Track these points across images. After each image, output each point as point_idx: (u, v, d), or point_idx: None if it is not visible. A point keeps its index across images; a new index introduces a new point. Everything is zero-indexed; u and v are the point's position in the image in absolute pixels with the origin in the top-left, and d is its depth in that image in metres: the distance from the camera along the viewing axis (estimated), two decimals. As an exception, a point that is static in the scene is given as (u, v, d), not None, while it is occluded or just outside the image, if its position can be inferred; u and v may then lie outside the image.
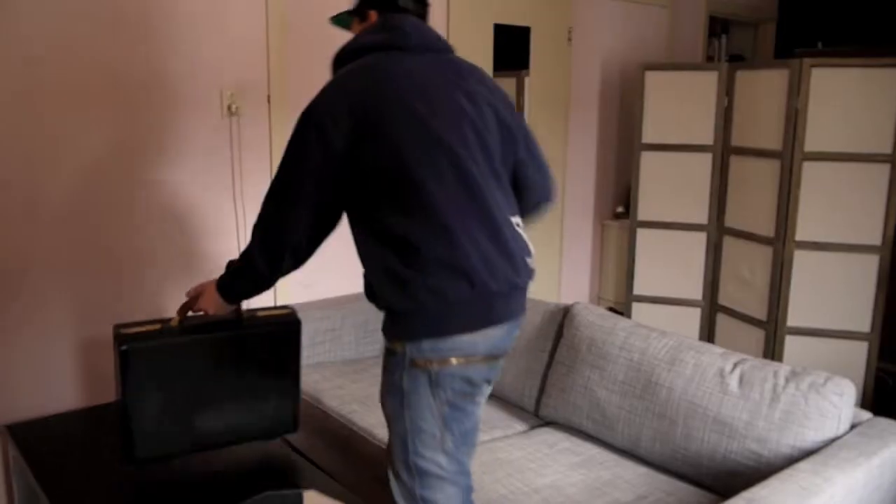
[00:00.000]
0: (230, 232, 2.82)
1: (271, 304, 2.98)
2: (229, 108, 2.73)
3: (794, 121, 3.26)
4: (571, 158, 4.07)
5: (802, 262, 3.35)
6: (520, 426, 2.47)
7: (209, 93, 2.69)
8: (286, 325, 2.06)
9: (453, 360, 1.48)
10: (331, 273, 3.09)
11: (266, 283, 1.68)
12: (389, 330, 1.54)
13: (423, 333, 1.48)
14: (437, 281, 1.45)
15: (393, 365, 1.53)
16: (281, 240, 1.58)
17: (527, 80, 3.80)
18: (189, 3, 2.59)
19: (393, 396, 1.53)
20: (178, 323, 1.92)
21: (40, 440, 2.23)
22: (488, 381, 1.58)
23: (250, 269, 1.66)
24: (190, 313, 1.87)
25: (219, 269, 2.80)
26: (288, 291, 3.00)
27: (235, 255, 2.83)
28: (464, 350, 1.49)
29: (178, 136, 2.65)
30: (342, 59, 1.61)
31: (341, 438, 2.43)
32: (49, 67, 2.35)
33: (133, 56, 2.51)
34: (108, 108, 2.49)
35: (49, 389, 2.50)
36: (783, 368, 2.01)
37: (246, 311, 2.05)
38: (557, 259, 4.12)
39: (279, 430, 2.14)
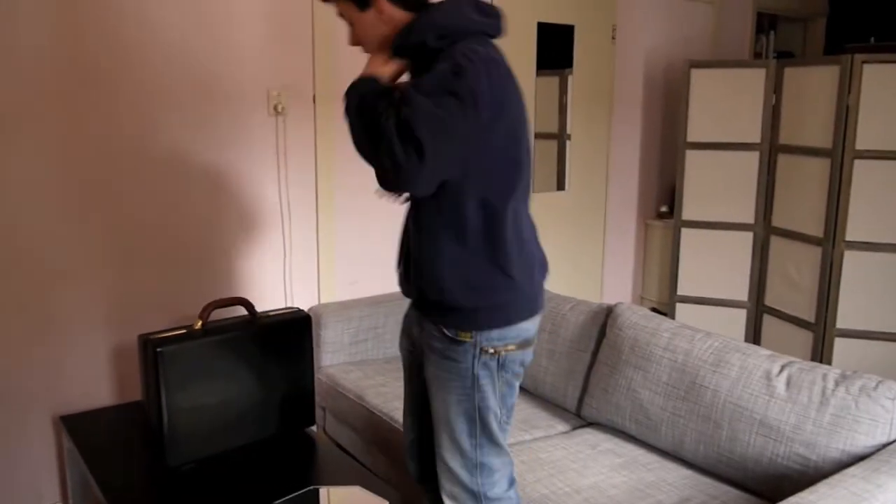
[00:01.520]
0: (275, 228, 2.87)
1: (304, 302, 3.03)
2: (276, 107, 2.77)
3: (844, 118, 3.19)
4: (615, 157, 4.04)
5: (852, 263, 3.28)
6: (562, 426, 2.47)
7: (257, 92, 2.73)
8: (296, 320, 2.23)
9: (514, 346, 1.64)
10: (374, 271, 3.12)
11: (371, 140, 1.51)
12: (454, 322, 1.61)
13: (494, 324, 1.61)
14: (518, 273, 1.61)
15: (460, 353, 1.62)
16: (421, 147, 1.42)
17: (570, 79, 3.78)
18: (239, 4, 2.64)
19: (462, 380, 1.63)
20: (200, 326, 2.04)
21: (91, 431, 2.30)
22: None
23: (377, 125, 1.48)
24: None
25: (262, 266, 2.87)
26: (332, 289, 3.04)
27: (280, 252, 2.90)
28: (522, 336, 1.65)
29: (226, 134, 2.70)
30: (450, 34, 1.56)
31: (384, 435, 2.45)
32: (107, 67, 2.42)
33: (183, 56, 2.56)
34: (162, 108, 2.55)
35: (97, 383, 2.57)
36: (832, 371, 1.97)
37: (260, 313, 2.20)
38: (600, 259, 4.10)
39: (298, 423, 2.23)
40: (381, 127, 1.45)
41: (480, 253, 1.58)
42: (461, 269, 1.58)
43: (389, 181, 1.49)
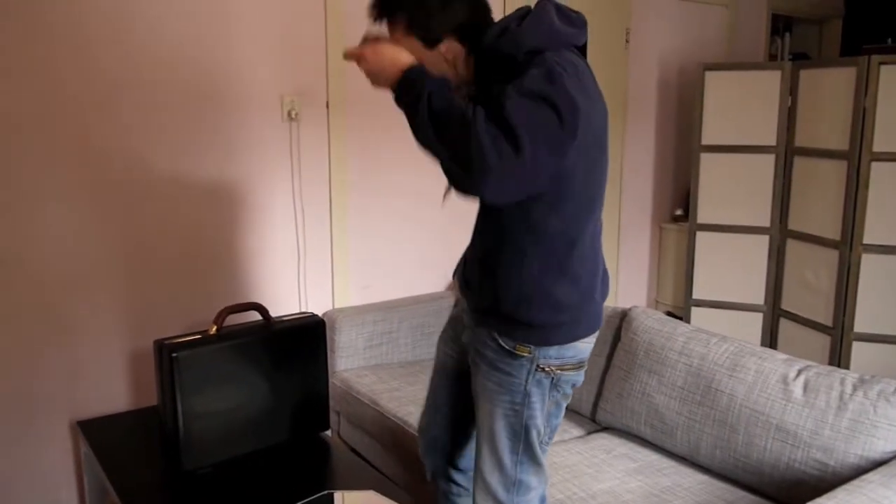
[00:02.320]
0: (289, 233, 2.88)
1: (317, 306, 3.04)
2: (289, 113, 2.79)
3: (861, 120, 3.16)
4: (628, 160, 4.03)
5: (870, 266, 3.24)
6: (576, 431, 2.46)
7: (270, 98, 2.75)
8: (311, 325, 2.23)
9: (570, 366, 1.61)
10: (388, 276, 3.13)
11: (441, 152, 1.41)
12: (515, 334, 1.57)
13: (556, 341, 1.57)
14: (587, 289, 1.58)
15: (516, 368, 1.58)
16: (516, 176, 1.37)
17: (583, 82, 3.76)
18: (252, 11, 2.65)
19: (513, 395, 1.59)
20: (215, 331, 2.05)
21: (108, 436, 2.31)
22: None
23: (465, 125, 1.35)
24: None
25: (277, 273, 2.88)
26: (346, 293, 3.04)
27: (294, 257, 2.92)
28: (579, 356, 1.62)
29: (240, 140, 2.71)
30: (539, 47, 1.49)
31: (398, 440, 2.45)
32: (119, 75, 2.45)
33: (196, 63, 2.58)
34: (175, 113, 2.56)
35: (114, 388, 2.59)
36: (850, 376, 1.95)
37: (274, 318, 2.22)
38: (614, 262, 4.08)
39: (312, 428, 2.23)
40: (469, 123, 1.33)
41: (557, 267, 1.54)
42: (537, 282, 1.54)
43: (474, 183, 1.36)
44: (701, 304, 3.85)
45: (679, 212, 4.23)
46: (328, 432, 2.34)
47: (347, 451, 2.29)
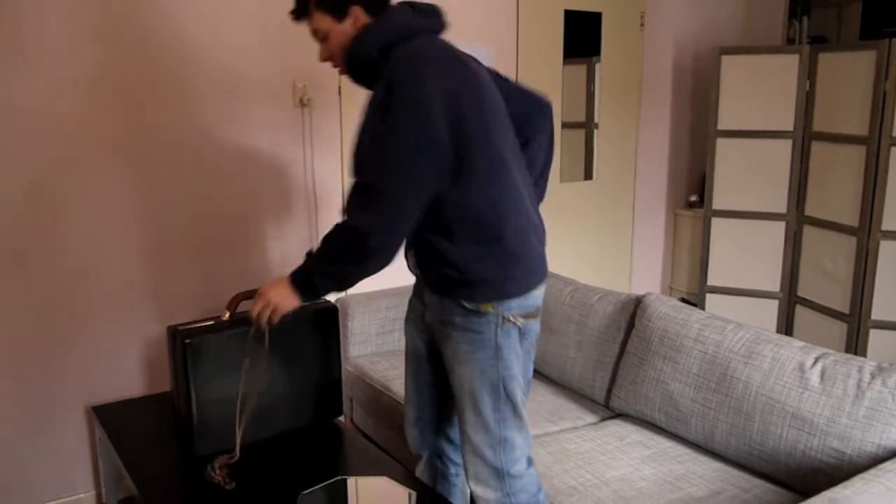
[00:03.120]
0: (302, 219, 2.88)
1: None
2: (301, 99, 2.78)
3: (881, 105, 3.11)
4: (643, 146, 3.99)
5: (888, 253, 3.21)
6: (590, 417, 2.45)
7: (283, 84, 2.74)
8: (325, 311, 2.22)
9: (532, 315, 1.72)
10: (401, 262, 3.12)
11: (361, 275, 1.66)
12: (475, 295, 1.65)
13: (514, 293, 1.66)
14: (520, 243, 1.66)
15: (484, 325, 1.67)
16: (401, 227, 1.59)
17: (597, 67, 3.73)
18: (263, -4, 2.64)
19: (485, 351, 1.67)
20: (227, 317, 2.04)
21: (123, 421, 2.33)
22: None
23: (356, 254, 1.60)
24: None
25: (288, 257, 2.87)
26: (358, 280, 3.04)
27: (307, 243, 2.91)
28: (536, 304, 1.72)
29: (254, 126, 2.71)
30: (391, 41, 1.62)
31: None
32: (136, 62, 2.44)
33: (209, 50, 2.57)
34: (189, 102, 2.56)
35: (128, 373, 2.61)
36: (868, 363, 1.93)
37: None
38: (628, 249, 4.06)
39: (325, 414, 2.23)
40: (342, 232, 1.59)
41: (489, 230, 1.63)
42: (473, 251, 1.63)
43: (379, 256, 1.59)
44: (716, 290, 3.83)
45: (694, 198, 4.19)
46: (341, 418, 2.34)
47: (360, 437, 2.29)
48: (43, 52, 2.28)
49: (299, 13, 1.72)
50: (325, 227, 2.92)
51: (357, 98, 2.89)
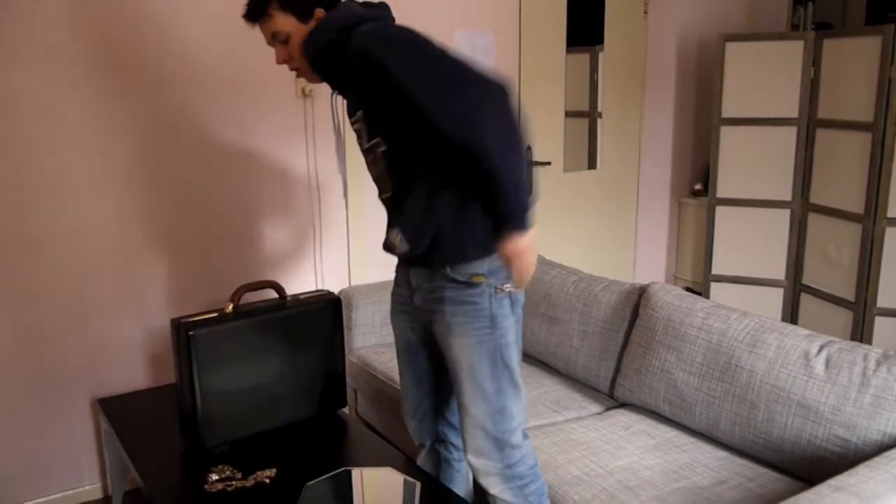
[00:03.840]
0: (305, 211, 2.87)
1: (331, 284, 3.04)
2: (303, 90, 2.77)
3: (886, 91, 3.09)
4: (647, 134, 3.97)
5: (894, 240, 3.19)
6: (594, 407, 2.45)
7: (284, 75, 2.72)
8: (327, 303, 2.22)
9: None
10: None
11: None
12: (467, 267, 1.66)
13: (499, 264, 1.65)
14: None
15: (478, 295, 1.68)
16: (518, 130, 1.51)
17: (601, 56, 3.71)
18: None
19: (480, 321, 1.69)
20: (231, 309, 2.05)
21: (128, 414, 2.34)
22: None
23: (520, 178, 1.51)
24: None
25: (293, 251, 2.87)
26: (362, 271, 3.04)
27: (310, 235, 2.91)
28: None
29: (255, 118, 2.70)
30: (348, 24, 1.61)
31: (415, 417, 2.46)
32: (139, 53, 2.43)
33: (211, 41, 2.56)
34: (192, 94, 2.55)
35: (133, 366, 2.61)
36: (873, 351, 1.92)
37: (290, 296, 2.21)
38: (632, 238, 4.04)
39: (329, 405, 2.24)
40: (520, 166, 1.49)
41: (469, 199, 1.63)
42: (460, 207, 1.64)
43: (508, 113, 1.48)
44: (721, 279, 3.82)
45: (698, 186, 4.17)
46: (345, 409, 2.34)
47: (365, 428, 2.29)
48: (43, 45, 2.28)
49: (256, 15, 1.70)
50: (328, 217, 2.93)
51: (359, 88, 2.88)
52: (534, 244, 1.57)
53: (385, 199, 1.79)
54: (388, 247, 1.79)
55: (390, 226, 1.77)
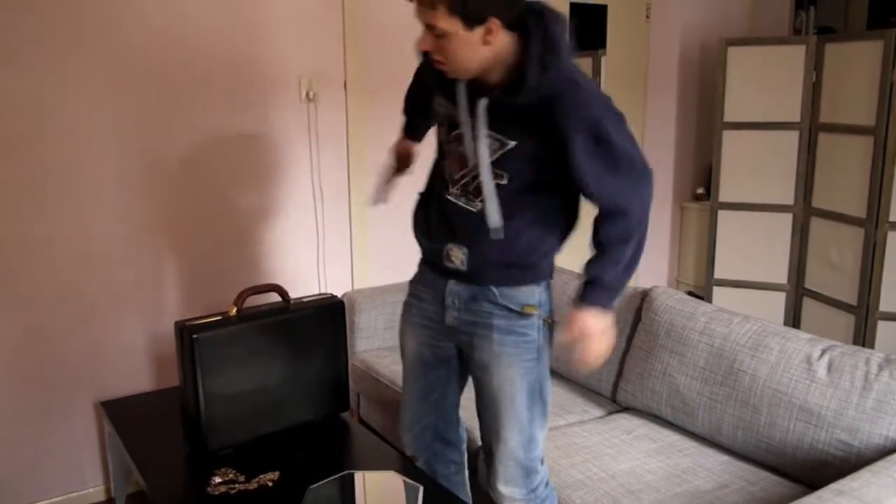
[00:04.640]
0: (308, 214, 2.88)
1: (334, 287, 3.04)
2: (307, 94, 2.78)
3: (888, 95, 3.09)
4: (649, 138, 3.98)
5: (896, 245, 3.20)
6: (596, 411, 2.45)
7: (288, 79, 2.74)
8: (331, 306, 2.22)
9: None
10: (408, 256, 3.12)
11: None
12: (516, 293, 1.67)
13: (550, 295, 1.73)
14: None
15: (529, 326, 1.68)
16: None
17: (603, 60, 3.72)
18: (267, -9, 2.64)
19: (529, 353, 1.69)
20: (235, 312, 2.05)
21: (131, 417, 2.34)
22: None
23: (636, 259, 1.70)
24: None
25: (296, 254, 2.88)
26: (366, 274, 3.05)
27: (313, 238, 2.91)
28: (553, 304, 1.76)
29: (259, 122, 2.71)
30: (569, 66, 1.60)
31: (417, 420, 2.46)
32: (143, 55, 2.45)
33: (214, 45, 2.57)
34: (196, 98, 2.56)
35: (137, 369, 2.62)
36: (875, 355, 1.92)
37: (294, 300, 2.21)
38: (634, 242, 4.04)
39: (332, 409, 2.26)
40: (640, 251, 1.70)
41: (552, 219, 1.75)
42: (539, 232, 1.70)
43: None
44: (723, 283, 3.82)
45: (700, 190, 4.18)
46: (348, 413, 2.35)
47: (367, 431, 2.29)
48: (46, 46, 2.29)
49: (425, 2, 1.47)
50: (331, 221, 2.93)
51: (361, 93, 2.89)
52: (610, 332, 1.62)
53: (458, 208, 1.67)
54: (439, 256, 1.71)
55: (453, 241, 1.68)
